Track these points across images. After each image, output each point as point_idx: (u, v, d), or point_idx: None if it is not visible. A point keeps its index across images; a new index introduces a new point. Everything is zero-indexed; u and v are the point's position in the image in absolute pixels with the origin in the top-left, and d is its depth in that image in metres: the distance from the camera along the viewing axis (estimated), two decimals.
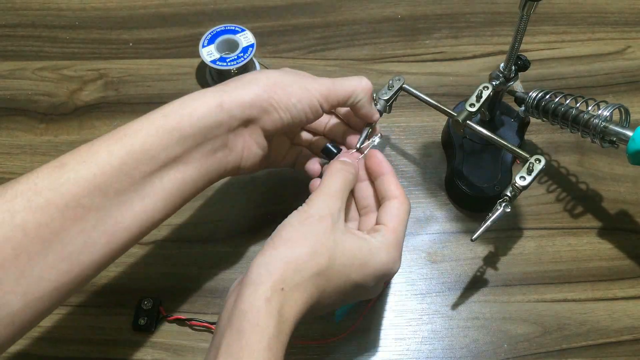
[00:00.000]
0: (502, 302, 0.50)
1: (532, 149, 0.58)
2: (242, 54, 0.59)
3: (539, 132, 0.58)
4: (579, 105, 0.48)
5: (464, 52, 0.65)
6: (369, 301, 0.49)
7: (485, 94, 0.48)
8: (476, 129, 0.48)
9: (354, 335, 0.48)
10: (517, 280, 0.51)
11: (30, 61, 0.65)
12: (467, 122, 0.48)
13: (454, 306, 0.50)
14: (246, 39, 0.61)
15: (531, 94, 0.50)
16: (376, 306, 0.50)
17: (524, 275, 0.51)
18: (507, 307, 0.50)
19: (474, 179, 0.53)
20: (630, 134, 0.44)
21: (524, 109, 0.51)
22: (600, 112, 0.46)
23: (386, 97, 0.50)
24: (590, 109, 0.47)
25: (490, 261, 0.52)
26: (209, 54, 0.59)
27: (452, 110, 0.50)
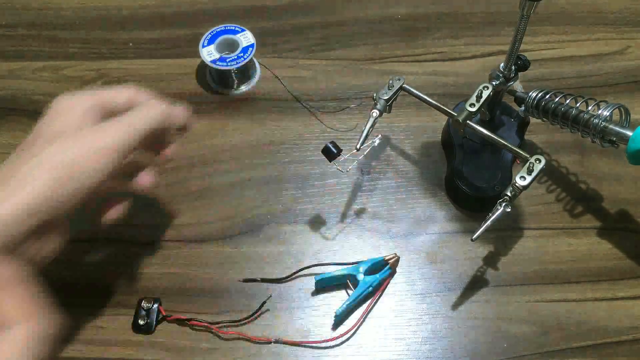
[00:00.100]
0: (502, 302, 0.50)
1: (532, 149, 0.58)
2: (242, 54, 0.59)
3: (539, 132, 0.58)
4: (579, 105, 0.48)
5: (464, 52, 0.65)
6: (368, 301, 0.49)
7: (485, 94, 0.48)
8: (476, 129, 0.48)
9: (354, 335, 0.48)
10: (517, 280, 0.51)
11: (30, 61, 0.65)
12: (467, 122, 0.48)
13: (454, 306, 0.50)
14: (246, 39, 0.61)
15: (531, 94, 0.50)
16: (376, 306, 0.50)
17: (524, 275, 0.51)
18: (507, 307, 0.50)
19: (474, 179, 0.53)
20: (630, 134, 0.44)
21: (524, 109, 0.51)
22: (600, 112, 0.46)
23: (386, 97, 0.50)
24: (590, 108, 0.47)
25: (490, 261, 0.52)
26: (209, 54, 0.59)
27: (452, 110, 0.50)
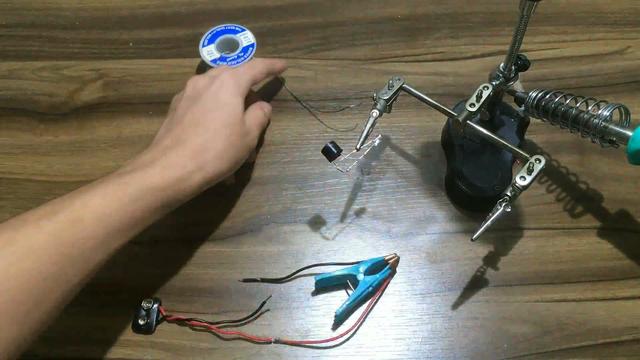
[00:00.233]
0: (502, 302, 0.50)
1: (532, 149, 0.58)
2: (242, 54, 0.59)
3: (539, 132, 0.58)
4: (579, 105, 0.48)
5: (464, 52, 0.65)
6: (369, 301, 0.49)
7: (485, 94, 0.48)
8: (476, 128, 0.48)
9: (354, 335, 0.48)
10: (517, 280, 0.51)
11: (30, 61, 0.65)
12: (467, 122, 0.48)
13: (454, 306, 0.50)
14: (246, 38, 0.61)
15: (531, 94, 0.50)
16: (376, 306, 0.50)
17: (524, 275, 0.51)
18: (507, 307, 0.50)
19: (474, 179, 0.53)
20: (630, 133, 0.44)
21: (524, 108, 0.51)
22: (600, 112, 0.46)
23: (386, 97, 0.50)
24: (590, 108, 0.47)
25: (490, 261, 0.52)
26: (209, 53, 0.59)
27: (452, 110, 0.50)
